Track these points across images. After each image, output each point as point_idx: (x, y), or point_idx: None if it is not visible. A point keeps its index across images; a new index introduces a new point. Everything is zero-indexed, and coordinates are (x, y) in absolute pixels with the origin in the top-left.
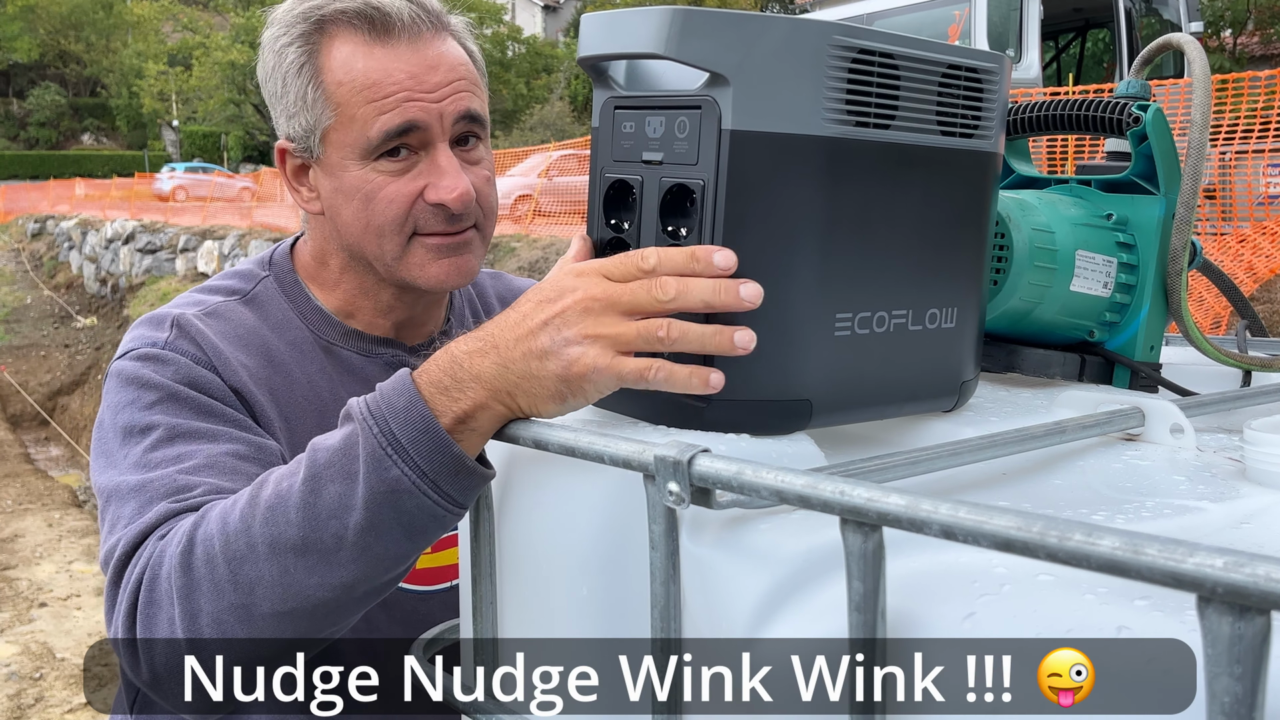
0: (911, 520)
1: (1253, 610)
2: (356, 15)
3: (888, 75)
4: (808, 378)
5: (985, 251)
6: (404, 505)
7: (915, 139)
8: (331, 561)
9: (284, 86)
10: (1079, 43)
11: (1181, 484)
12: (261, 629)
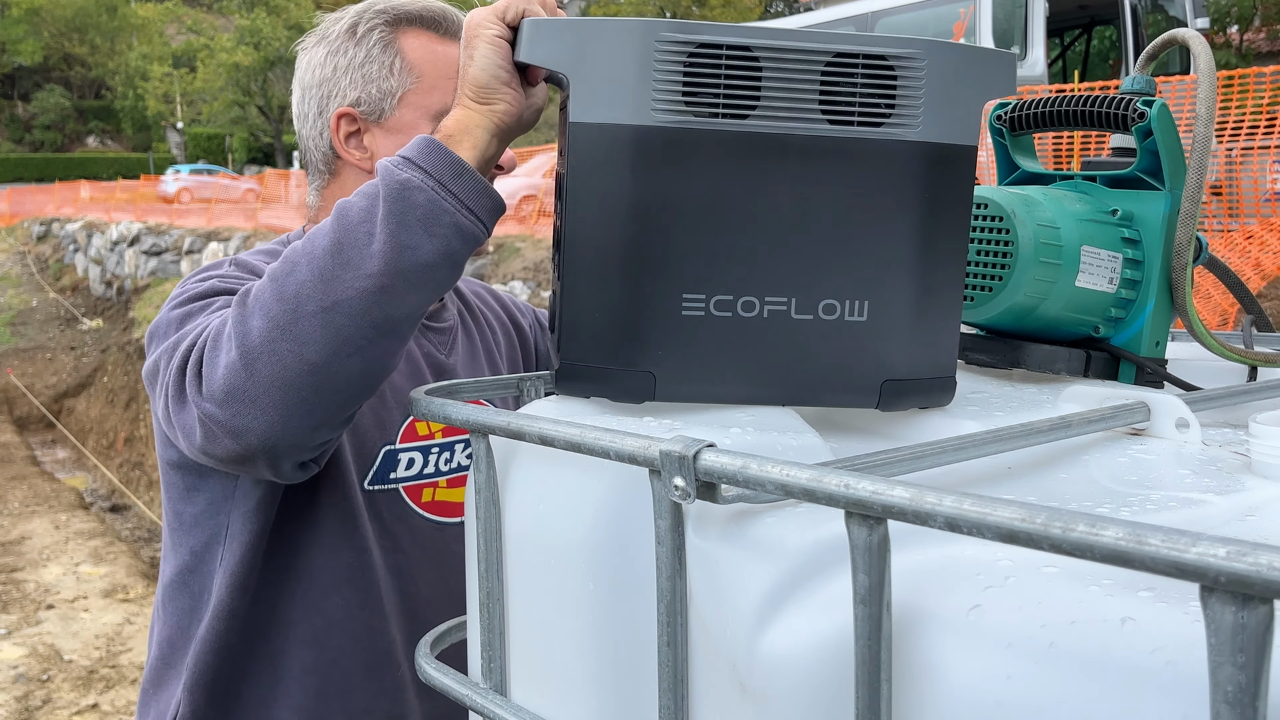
0: (916, 513)
1: (1255, 599)
2: (429, 16)
3: (740, 67)
4: (651, 352)
5: (917, 246)
6: (417, 200)
7: (788, 128)
8: (364, 254)
9: (365, 59)
10: (1085, 40)
11: (1187, 478)
12: (309, 333)
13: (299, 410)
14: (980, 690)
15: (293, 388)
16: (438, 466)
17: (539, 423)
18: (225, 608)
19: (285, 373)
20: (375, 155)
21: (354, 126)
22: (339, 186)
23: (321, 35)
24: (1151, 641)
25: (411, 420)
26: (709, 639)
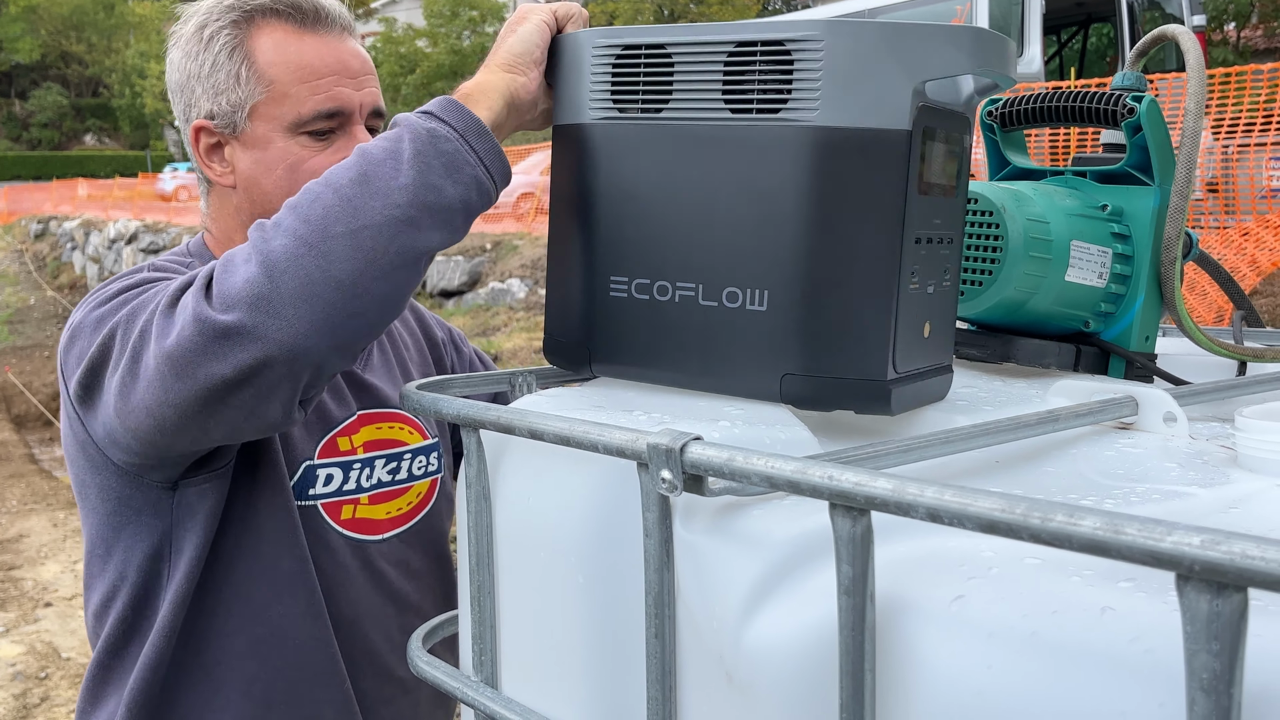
0: (898, 503)
1: (1230, 588)
2: (289, 7)
3: (656, 64)
4: (586, 327)
5: (816, 236)
6: (443, 148)
7: (695, 119)
8: (391, 185)
9: (213, 67)
10: (1082, 37)
11: (1173, 470)
12: (337, 251)
13: (323, 324)
14: (962, 679)
15: (318, 301)
16: (359, 483)
17: (529, 417)
18: (168, 624)
19: (311, 286)
20: (237, 171)
21: (213, 139)
22: (216, 197)
23: (177, 34)
24: (1130, 630)
25: (332, 435)
26: (696, 630)
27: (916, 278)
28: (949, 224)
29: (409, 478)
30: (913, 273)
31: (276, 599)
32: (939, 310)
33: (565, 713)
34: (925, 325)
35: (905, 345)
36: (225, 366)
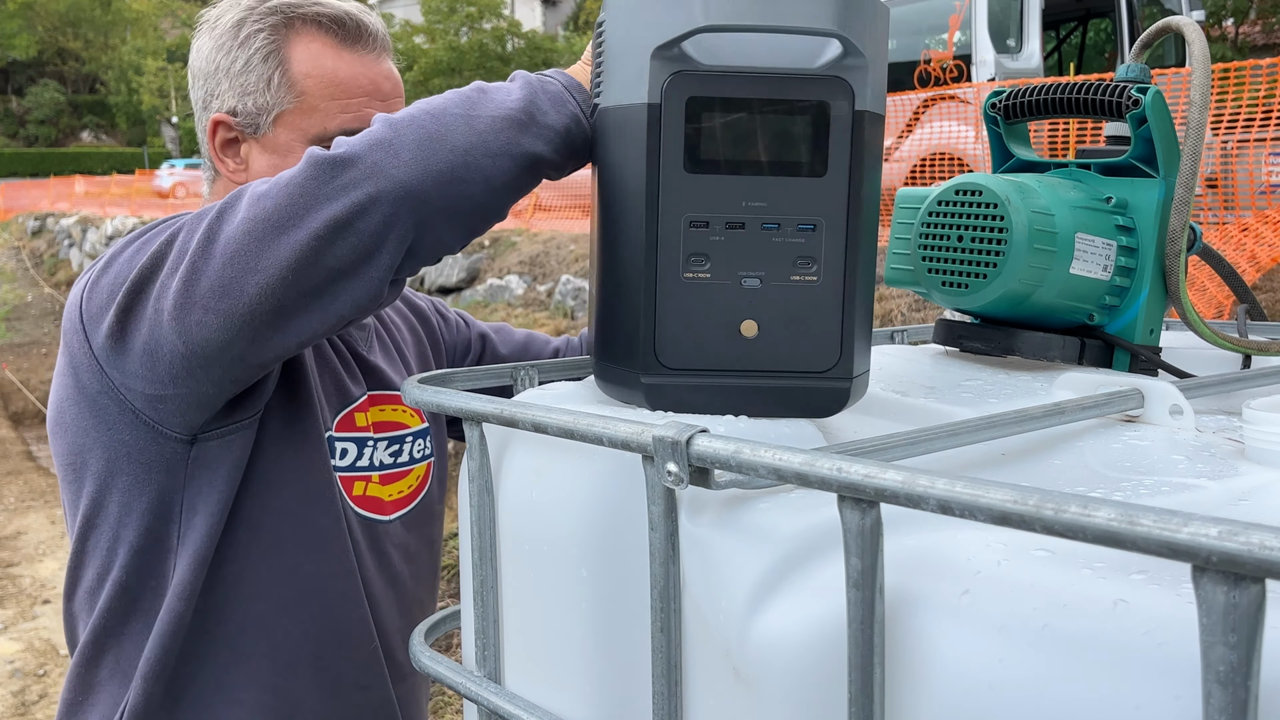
0: (909, 495)
1: (1247, 579)
2: (331, 20)
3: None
4: None
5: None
6: (550, 88)
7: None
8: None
9: (245, 67)
10: (1080, 32)
11: (1180, 463)
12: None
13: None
14: (973, 673)
15: (434, 155)
16: (370, 460)
17: (532, 410)
18: (185, 589)
19: (429, 142)
20: (250, 169)
21: (231, 134)
22: (224, 187)
23: (211, 23)
24: (1144, 623)
25: (349, 410)
26: (702, 624)
27: (705, 267)
28: (798, 207)
29: (409, 460)
30: (693, 258)
31: (308, 559)
32: (783, 308)
33: (569, 708)
34: (744, 324)
35: (684, 344)
36: (337, 203)
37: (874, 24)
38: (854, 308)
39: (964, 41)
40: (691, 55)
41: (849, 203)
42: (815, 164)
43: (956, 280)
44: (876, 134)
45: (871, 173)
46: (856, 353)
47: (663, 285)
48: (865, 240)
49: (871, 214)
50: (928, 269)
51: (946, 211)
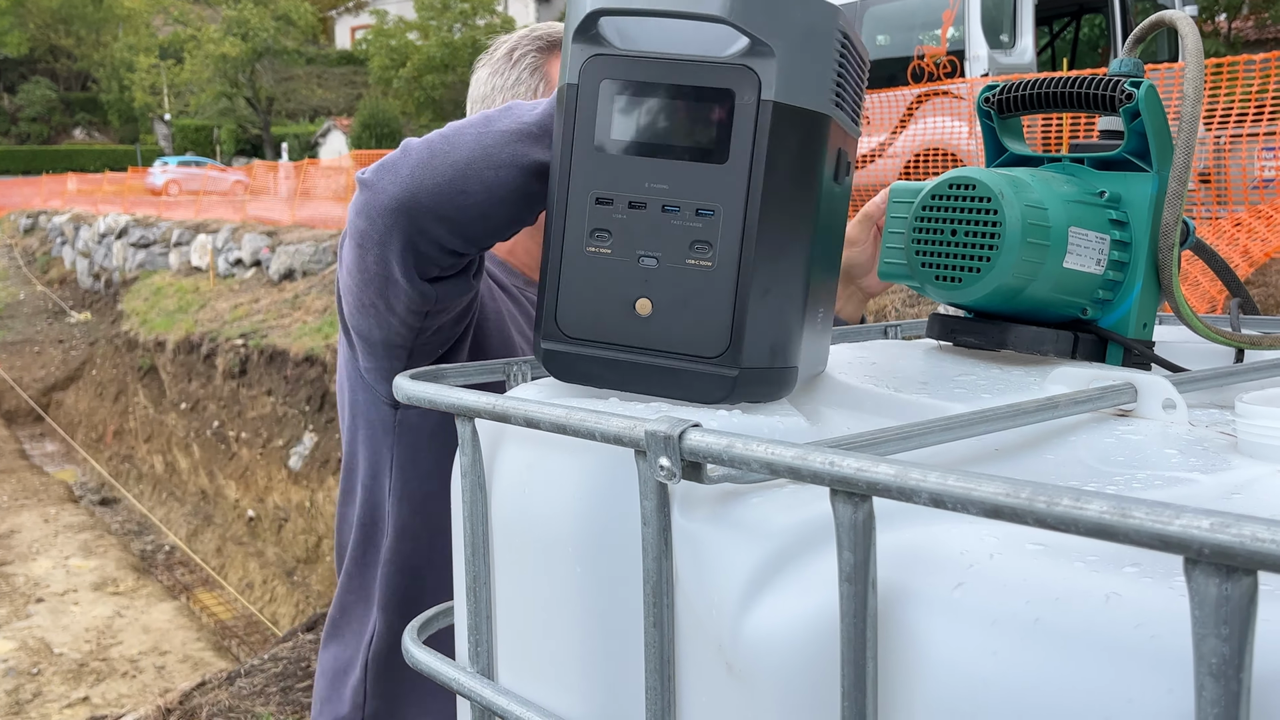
0: (901, 489)
1: (1239, 571)
2: None
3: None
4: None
5: (550, 199)
6: None
7: None
8: (526, 112)
9: (515, 81)
10: (1074, 28)
11: (1173, 457)
12: (461, 143)
13: (429, 188)
14: (965, 667)
15: (431, 171)
16: None
17: (525, 405)
18: (405, 530)
19: (432, 159)
20: None
21: None
22: None
23: (488, 56)
24: (1136, 616)
25: None
26: (695, 620)
27: (606, 242)
28: (698, 192)
29: None
30: (595, 234)
31: None
32: (676, 291)
33: (563, 704)
34: (639, 302)
35: (583, 314)
36: (358, 220)
37: (793, 14)
38: (751, 297)
39: (957, 37)
40: (609, 39)
41: (748, 191)
42: (718, 151)
43: (950, 274)
44: (797, 126)
45: (785, 164)
46: (753, 343)
47: (567, 256)
48: (774, 231)
49: (784, 205)
50: (921, 263)
51: (940, 205)
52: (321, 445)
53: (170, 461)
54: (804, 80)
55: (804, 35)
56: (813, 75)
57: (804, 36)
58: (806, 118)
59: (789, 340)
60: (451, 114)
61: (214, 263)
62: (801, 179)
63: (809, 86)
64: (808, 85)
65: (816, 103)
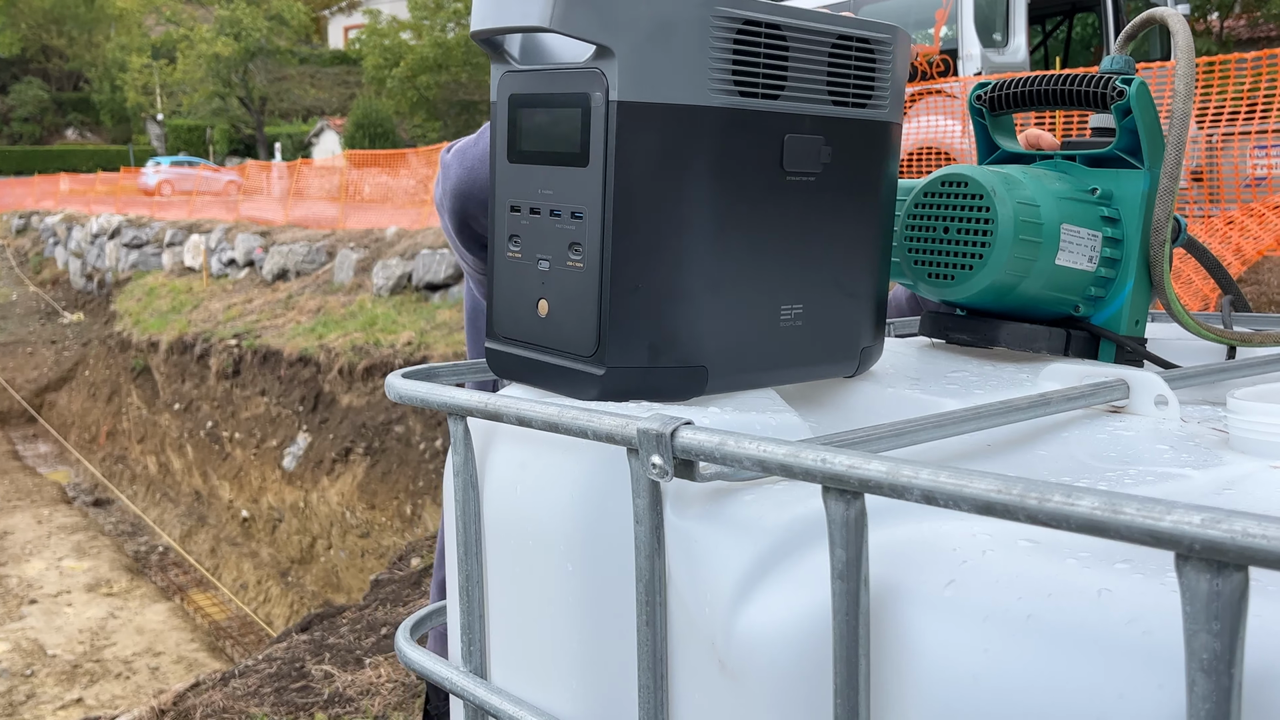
0: (893, 486)
1: (1230, 566)
2: None
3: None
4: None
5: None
6: None
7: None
8: None
9: None
10: (1066, 27)
11: (1165, 453)
12: None
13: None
14: (958, 663)
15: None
16: None
17: (517, 403)
18: None
19: (465, 160)
20: None
21: None
22: None
23: None
24: (1128, 612)
25: None
26: (688, 618)
27: (518, 247)
28: (572, 196)
29: None
30: (512, 239)
31: None
32: (562, 292)
33: (556, 702)
34: (540, 303)
35: (508, 315)
36: (435, 188)
37: (636, 11)
38: (615, 296)
39: (950, 36)
40: (514, 56)
41: (605, 192)
42: (582, 154)
43: (942, 272)
44: (654, 122)
45: (644, 160)
46: (624, 343)
47: (497, 261)
48: (638, 229)
49: (648, 202)
50: (914, 260)
51: (932, 203)
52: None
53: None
54: (660, 75)
55: (654, 30)
56: (672, 69)
57: (655, 31)
58: (667, 112)
59: (679, 339)
60: (445, 114)
61: (207, 263)
62: (669, 174)
63: (668, 81)
64: (666, 80)
65: (683, 95)
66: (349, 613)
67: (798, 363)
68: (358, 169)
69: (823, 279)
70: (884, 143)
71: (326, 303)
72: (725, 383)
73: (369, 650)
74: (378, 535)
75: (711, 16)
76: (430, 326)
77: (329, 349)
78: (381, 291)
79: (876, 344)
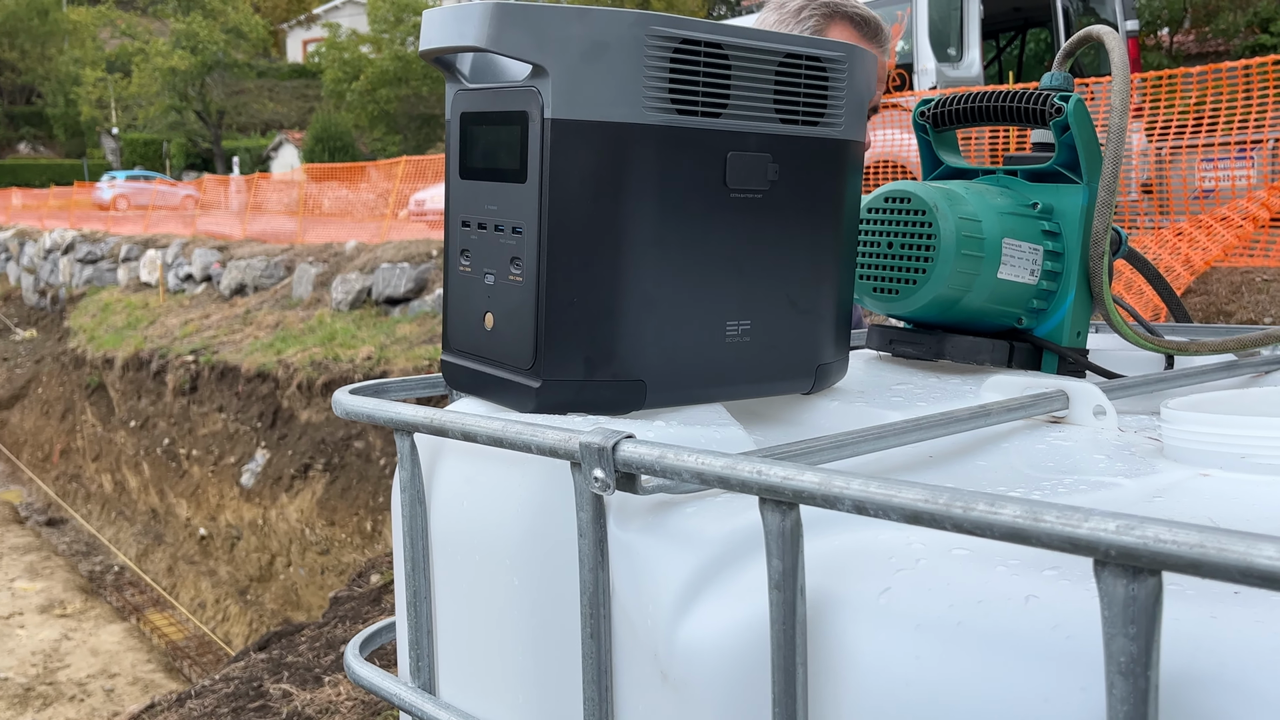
0: (825, 496)
1: (1145, 571)
2: (862, 19)
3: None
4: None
5: None
6: None
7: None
8: None
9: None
10: (1019, 42)
11: (1101, 462)
12: None
13: None
14: (891, 670)
15: None
16: None
17: (463, 418)
18: None
19: None
20: None
21: None
22: None
23: (779, 5)
24: (1053, 618)
25: None
26: (631, 629)
27: (468, 261)
28: (513, 212)
29: None
30: (463, 253)
31: None
32: (505, 305)
33: (503, 716)
34: (486, 316)
35: (460, 328)
36: None
37: (569, 31)
38: (551, 310)
39: (906, 50)
40: (465, 75)
41: (541, 208)
42: (521, 171)
43: (887, 286)
44: (589, 139)
45: (579, 177)
46: (559, 356)
47: (450, 276)
48: (573, 244)
49: (585, 218)
50: (860, 275)
51: (877, 219)
52: (274, 462)
53: (119, 480)
54: (594, 94)
55: (588, 49)
56: (607, 87)
57: (589, 50)
58: (602, 130)
59: (616, 353)
60: (405, 127)
61: (164, 278)
62: (605, 190)
63: (602, 99)
64: (600, 98)
65: (618, 114)
66: (308, 630)
67: (747, 379)
68: (317, 183)
69: (773, 296)
70: (839, 160)
71: (285, 318)
72: (666, 397)
73: (328, 668)
74: (337, 552)
75: (646, 36)
76: (390, 341)
77: (287, 364)
78: (341, 306)
79: (837, 361)
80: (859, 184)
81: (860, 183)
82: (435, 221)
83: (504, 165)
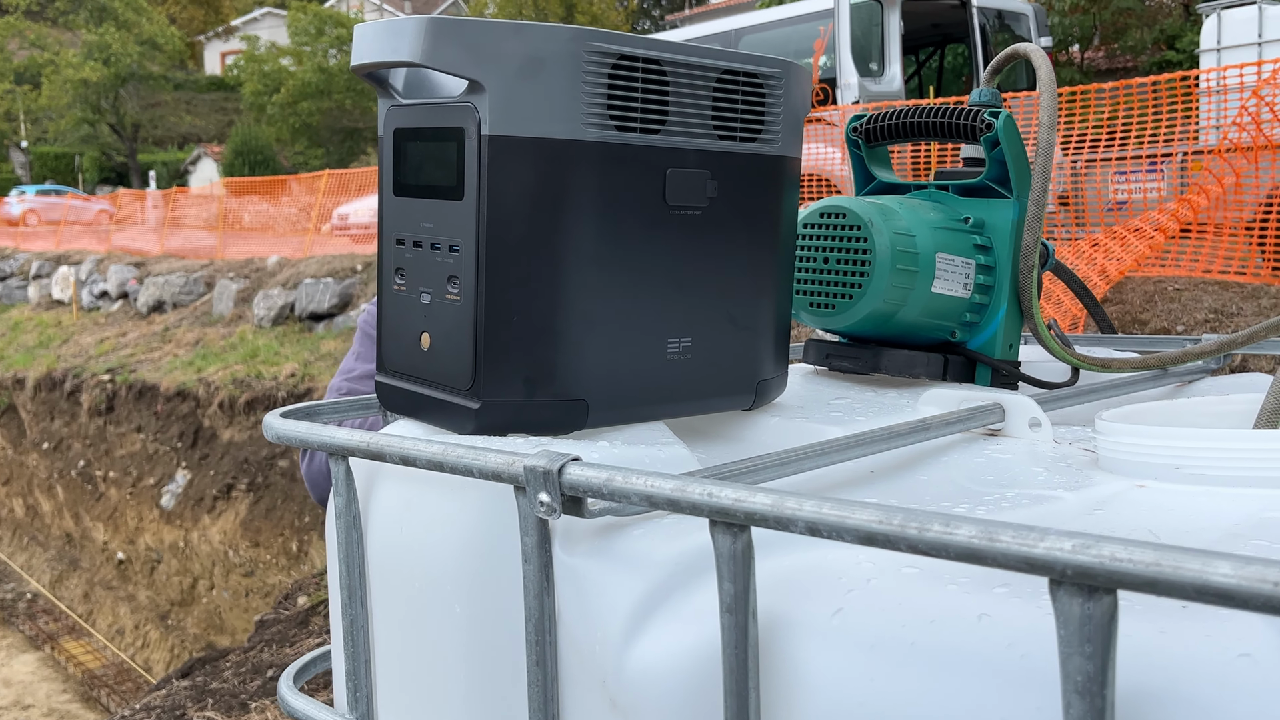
0: (778, 518)
1: (1100, 590)
2: None
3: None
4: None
5: None
6: None
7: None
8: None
9: None
10: (938, 57)
11: (1039, 475)
12: None
13: None
14: (844, 692)
15: None
16: None
17: (401, 442)
18: None
19: None
20: None
21: None
22: None
23: None
24: (1006, 637)
25: None
26: (579, 656)
27: (403, 280)
28: (450, 229)
29: None
30: (398, 272)
31: None
32: (442, 325)
33: None
34: (423, 336)
35: (396, 349)
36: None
37: (506, 47)
38: (489, 329)
39: (829, 65)
40: (398, 90)
41: (479, 225)
42: (458, 187)
43: (823, 301)
44: (527, 156)
45: (517, 194)
46: (498, 376)
47: (384, 295)
48: (511, 262)
49: (523, 235)
50: (796, 291)
51: (812, 235)
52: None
53: (31, 504)
54: (531, 110)
55: (525, 65)
56: (544, 103)
57: (525, 66)
58: (540, 146)
59: (557, 372)
60: (328, 140)
61: (77, 295)
62: (544, 206)
63: (540, 115)
64: (538, 114)
65: (556, 130)
66: (233, 655)
67: (688, 396)
68: (237, 197)
69: (713, 312)
70: (777, 176)
71: (205, 335)
72: (609, 416)
73: (254, 694)
74: (262, 574)
75: (584, 52)
76: (314, 357)
77: (208, 383)
78: (263, 322)
79: (778, 377)
80: (796, 200)
81: (798, 198)
82: (359, 236)
83: (440, 182)
